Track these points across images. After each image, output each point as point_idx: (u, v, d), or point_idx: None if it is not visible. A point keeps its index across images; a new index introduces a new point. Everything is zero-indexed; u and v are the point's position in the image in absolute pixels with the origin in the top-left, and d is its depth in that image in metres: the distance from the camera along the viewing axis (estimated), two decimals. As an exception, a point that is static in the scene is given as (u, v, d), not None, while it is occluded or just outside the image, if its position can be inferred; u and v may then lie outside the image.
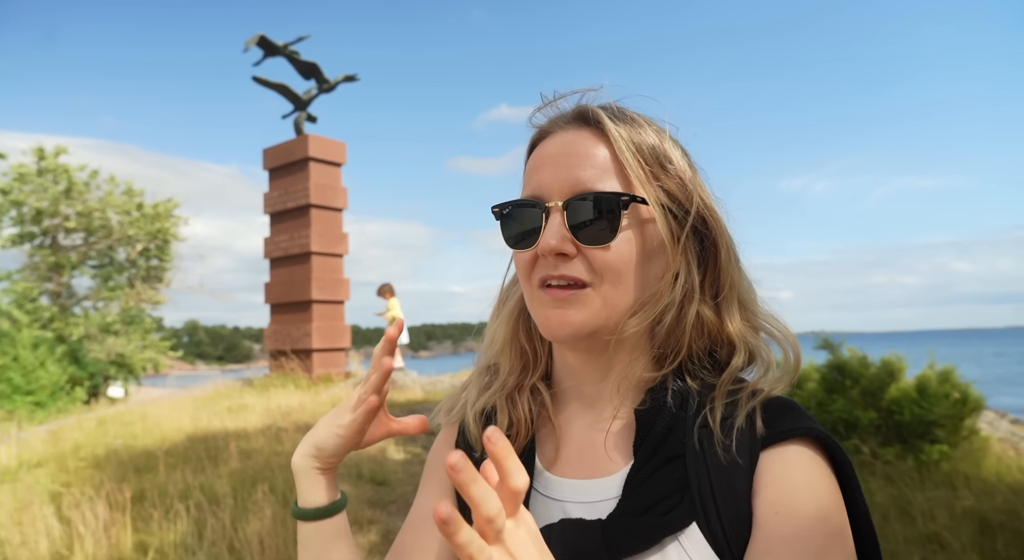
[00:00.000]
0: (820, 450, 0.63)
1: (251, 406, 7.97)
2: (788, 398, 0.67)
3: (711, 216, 0.70)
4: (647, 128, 0.70)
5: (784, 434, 0.62)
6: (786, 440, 0.62)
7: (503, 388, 0.77)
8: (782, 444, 0.62)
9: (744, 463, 0.62)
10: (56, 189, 16.83)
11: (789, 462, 0.61)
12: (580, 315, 0.67)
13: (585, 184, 0.67)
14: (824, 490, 0.61)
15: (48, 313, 16.52)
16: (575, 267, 0.67)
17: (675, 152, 0.70)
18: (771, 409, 0.65)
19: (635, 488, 0.64)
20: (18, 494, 5.19)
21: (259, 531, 3.90)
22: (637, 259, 0.67)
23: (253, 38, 11.48)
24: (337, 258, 11.23)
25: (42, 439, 7.57)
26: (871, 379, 5.35)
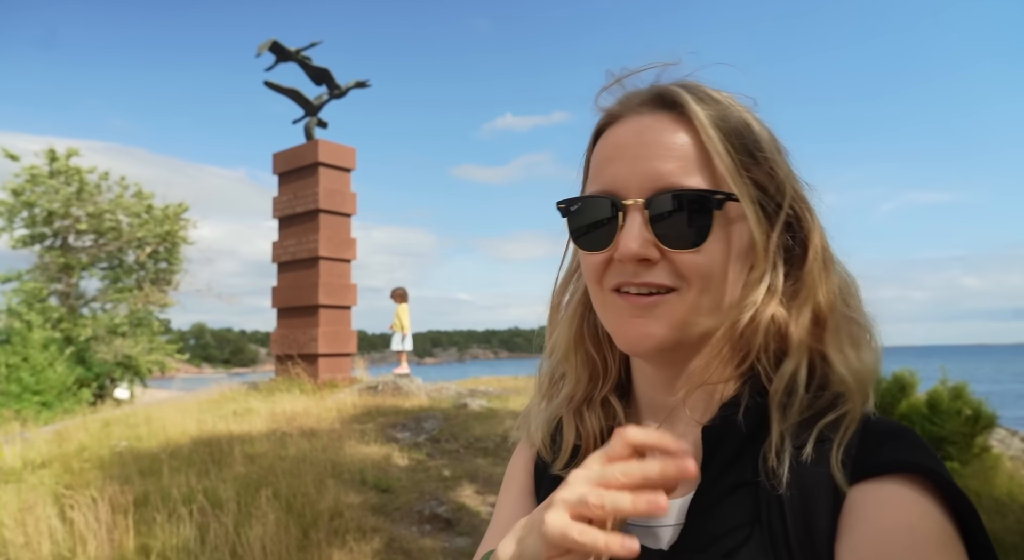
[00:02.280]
0: (930, 490, 0.51)
1: (256, 410, 7.96)
2: (897, 423, 0.57)
3: (805, 210, 0.62)
4: (733, 108, 0.61)
5: (882, 466, 0.52)
6: (884, 474, 0.52)
7: (570, 401, 0.70)
8: (878, 478, 0.52)
9: (827, 497, 0.52)
10: (67, 191, 16.97)
11: (884, 501, 0.50)
12: (662, 325, 0.59)
13: (668, 179, 0.58)
14: (929, 539, 0.49)
15: (57, 314, 16.62)
16: (659, 273, 0.59)
17: (763, 135, 0.61)
18: (868, 434, 0.54)
19: (699, 516, 0.58)
20: (22, 495, 5.19)
21: (262, 536, 3.88)
22: (729, 262, 0.59)
23: (265, 43, 11.56)
24: (345, 263, 11.25)
25: (47, 439, 7.58)
26: (882, 393, 5.30)
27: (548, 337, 0.74)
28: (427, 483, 5.15)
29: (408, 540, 4.10)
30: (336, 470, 5.18)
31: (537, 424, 0.73)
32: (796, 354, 0.59)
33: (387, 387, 9.19)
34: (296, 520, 4.19)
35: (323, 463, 5.31)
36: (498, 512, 0.76)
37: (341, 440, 6.14)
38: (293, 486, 4.70)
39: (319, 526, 4.13)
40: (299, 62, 11.90)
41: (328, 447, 5.84)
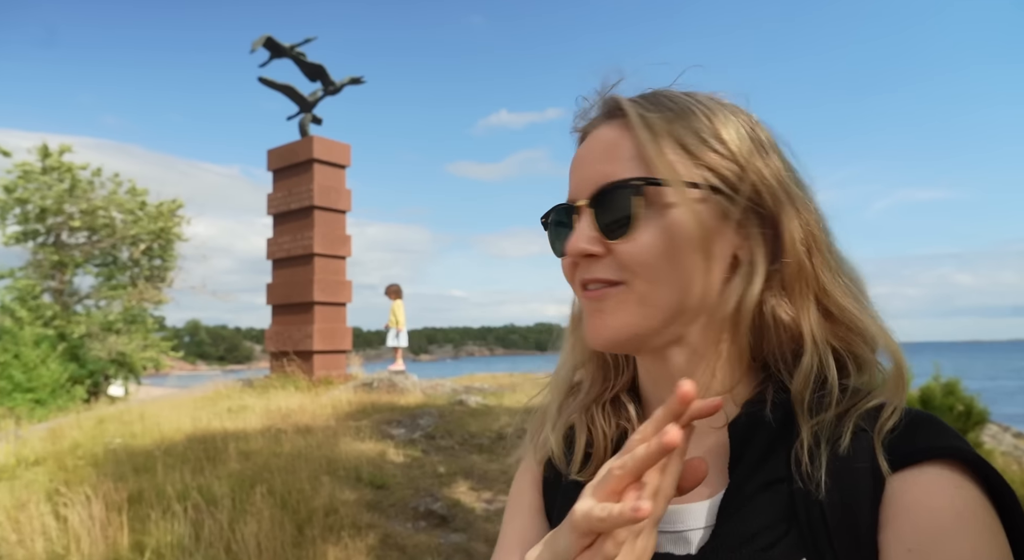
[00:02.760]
0: (970, 474, 0.51)
1: (251, 407, 7.95)
2: (923, 411, 0.57)
3: (768, 192, 0.60)
4: (688, 105, 0.62)
5: (921, 454, 0.52)
6: (923, 462, 0.51)
7: (590, 400, 0.71)
8: (917, 466, 0.51)
9: (866, 489, 0.52)
10: (60, 187, 16.88)
11: (927, 489, 0.50)
12: (616, 318, 0.61)
13: (609, 177, 0.61)
14: (977, 524, 0.49)
15: (50, 311, 16.55)
16: (605, 267, 0.61)
17: (728, 128, 0.61)
18: (900, 423, 0.54)
19: (730, 516, 0.56)
20: (15, 492, 5.17)
21: (256, 533, 3.88)
22: (673, 249, 0.59)
23: (260, 39, 11.50)
24: (340, 260, 11.23)
25: (41, 437, 7.55)
26: (874, 389, 5.34)
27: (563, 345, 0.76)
28: (422, 480, 5.15)
29: (403, 536, 4.10)
30: (331, 467, 5.18)
31: (548, 433, 0.72)
32: (812, 349, 0.59)
33: (382, 384, 9.19)
34: (291, 517, 4.19)
35: (318, 460, 5.31)
36: (505, 531, 0.74)
37: (336, 437, 6.14)
38: (288, 483, 4.70)
39: (314, 523, 4.13)
40: (293, 58, 11.85)
41: (323, 444, 5.84)
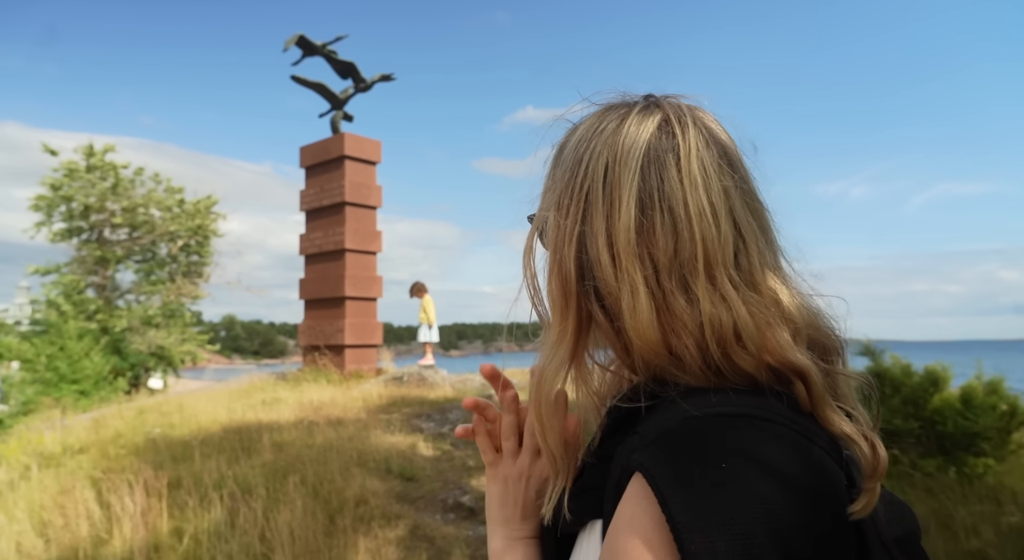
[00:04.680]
0: (652, 492, 0.52)
1: (284, 400, 8.11)
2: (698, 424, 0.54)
3: (547, 240, 0.68)
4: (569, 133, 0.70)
5: (633, 464, 0.55)
6: (639, 471, 0.54)
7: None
8: (636, 472, 0.54)
9: (622, 479, 0.56)
10: (103, 185, 17.40)
11: (630, 493, 0.54)
12: None
13: None
14: (637, 533, 0.52)
15: (94, 305, 17.09)
16: None
17: (563, 165, 0.68)
18: (667, 434, 0.55)
19: (577, 480, 0.68)
20: (61, 478, 5.37)
21: (289, 522, 3.96)
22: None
23: (292, 38, 11.67)
24: (370, 256, 11.36)
25: (85, 426, 7.82)
26: (913, 388, 5.18)
27: None
28: (451, 472, 5.19)
29: (432, 527, 4.15)
30: (362, 458, 5.26)
31: None
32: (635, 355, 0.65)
33: (412, 378, 9.28)
34: (323, 506, 4.27)
35: (349, 452, 5.40)
36: None
37: (367, 429, 6.22)
38: (320, 473, 4.79)
39: (345, 512, 4.20)
40: (325, 56, 12.00)
41: (354, 436, 5.93)
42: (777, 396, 0.57)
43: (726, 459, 0.50)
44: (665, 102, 0.66)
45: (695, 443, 0.52)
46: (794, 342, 0.59)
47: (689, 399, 0.57)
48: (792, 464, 0.51)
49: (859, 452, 0.57)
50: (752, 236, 0.62)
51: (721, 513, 0.48)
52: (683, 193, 0.60)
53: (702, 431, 0.53)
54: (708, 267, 0.59)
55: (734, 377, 0.59)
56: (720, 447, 0.51)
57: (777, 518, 0.48)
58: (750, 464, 0.50)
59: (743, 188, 0.63)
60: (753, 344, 0.58)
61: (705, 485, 0.49)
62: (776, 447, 0.52)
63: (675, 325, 0.59)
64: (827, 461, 0.53)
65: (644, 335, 0.60)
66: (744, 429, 0.53)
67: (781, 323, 0.60)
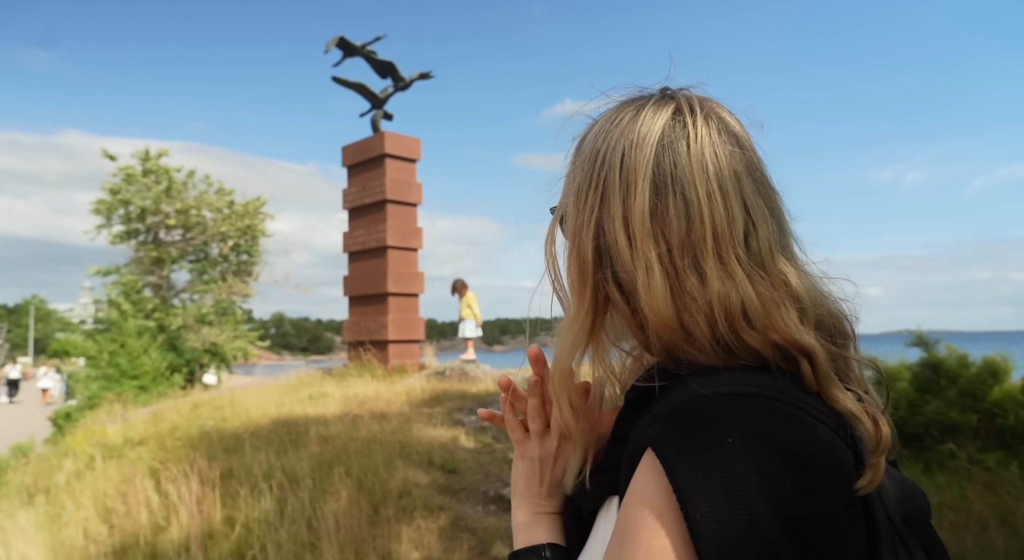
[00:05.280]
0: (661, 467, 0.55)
1: (330, 394, 8.31)
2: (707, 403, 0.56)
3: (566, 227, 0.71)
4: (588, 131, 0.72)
5: (645, 440, 0.57)
6: (650, 447, 0.56)
7: None
8: (648, 448, 0.56)
9: (636, 456, 0.58)
10: (158, 189, 18.12)
11: (642, 467, 0.56)
12: None
13: None
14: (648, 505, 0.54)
15: (151, 304, 17.83)
16: None
17: (583, 155, 0.70)
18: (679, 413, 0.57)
19: (598, 457, 0.71)
20: (123, 469, 5.64)
21: (335, 511, 4.07)
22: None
23: (333, 39, 11.89)
24: (412, 252, 11.51)
25: (144, 420, 8.19)
26: (971, 380, 4.97)
27: None
28: (492, 465, 5.24)
29: (473, 519, 4.20)
30: (405, 451, 5.35)
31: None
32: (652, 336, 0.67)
33: (454, 373, 9.38)
34: (367, 497, 4.37)
35: (393, 444, 5.50)
36: None
37: (410, 423, 6.33)
38: (364, 465, 4.89)
39: (388, 503, 4.29)
40: (365, 57, 12.18)
41: (397, 429, 6.04)
42: (783, 375, 0.59)
43: (732, 435, 0.52)
44: (679, 94, 0.69)
45: (704, 420, 0.54)
46: (801, 323, 0.60)
47: (699, 378, 0.59)
48: (797, 441, 0.52)
49: (863, 428, 0.58)
50: (762, 219, 0.63)
51: (726, 486, 0.50)
52: (694, 177, 0.62)
53: (711, 409, 0.55)
54: (718, 247, 0.61)
55: (743, 354, 0.60)
56: (727, 424, 0.53)
57: (781, 492, 0.50)
58: (756, 441, 0.51)
59: (754, 174, 0.65)
60: (759, 322, 0.60)
61: (711, 459, 0.51)
62: (782, 425, 0.53)
63: (687, 302, 0.61)
64: (834, 439, 0.54)
65: (659, 312, 0.62)
66: (752, 408, 0.54)
67: (789, 303, 0.61)
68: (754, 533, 0.49)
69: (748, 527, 0.49)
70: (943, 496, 4.07)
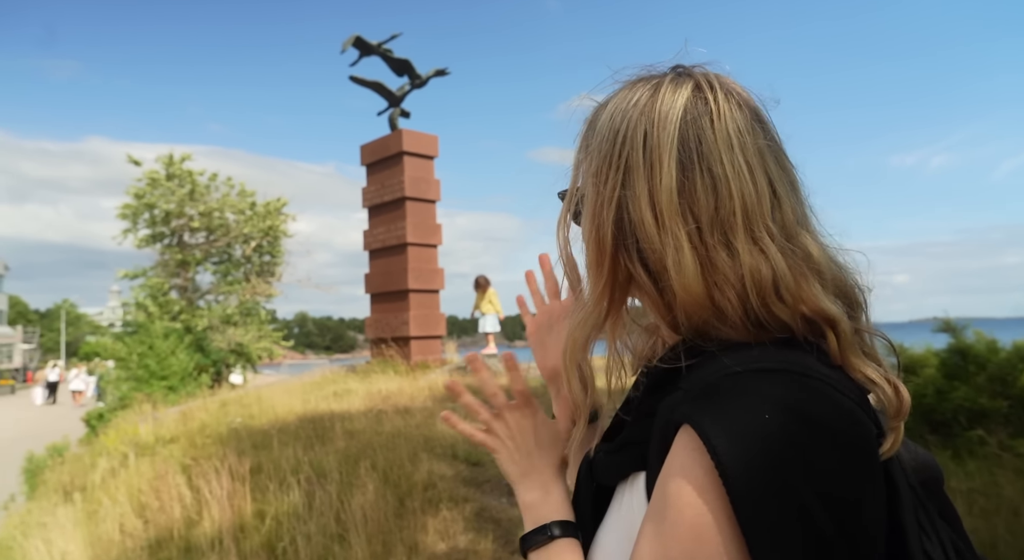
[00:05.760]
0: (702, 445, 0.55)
1: (354, 390, 8.41)
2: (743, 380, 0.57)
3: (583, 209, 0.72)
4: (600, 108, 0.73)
5: (681, 417, 0.58)
6: (688, 423, 0.57)
7: None
8: (686, 426, 0.57)
9: (668, 432, 0.60)
10: (182, 192, 18.43)
11: (680, 445, 0.57)
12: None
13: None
14: (690, 481, 0.55)
15: (177, 306, 18.17)
16: None
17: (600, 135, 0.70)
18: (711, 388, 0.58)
19: (625, 430, 0.71)
20: (155, 466, 5.78)
21: (362, 504, 4.13)
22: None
23: (349, 39, 11.98)
24: (431, 249, 11.58)
25: (174, 418, 8.37)
26: (1001, 365, 4.88)
27: None
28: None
29: (497, 510, 4.24)
30: (429, 445, 5.41)
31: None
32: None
33: (476, 367, 9.42)
34: (393, 490, 4.43)
35: (417, 438, 5.56)
36: None
37: (433, 417, 6.39)
38: (389, 459, 4.96)
39: (414, 495, 4.34)
40: (381, 55, 12.25)
41: (421, 424, 6.10)
42: (809, 348, 0.60)
43: (769, 411, 0.53)
44: (695, 71, 0.69)
45: (739, 396, 0.56)
46: (824, 293, 0.62)
47: (729, 354, 0.60)
48: (828, 416, 0.54)
49: (883, 395, 0.60)
50: (785, 192, 0.65)
51: (765, 461, 0.52)
52: (720, 153, 0.63)
53: (745, 385, 0.57)
54: (747, 222, 0.62)
55: (773, 328, 0.62)
56: (763, 400, 0.55)
57: (814, 464, 0.52)
58: (791, 416, 0.53)
59: (773, 147, 0.66)
60: (790, 294, 0.61)
61: (750, 435, 0.53)
62: (813, 400, 0.55)
63: (718, 279, 0.62)
64: (857, 411, 0.56)
65: (690, 289, 0.62)
66: (784, 383, 0.56)
67: (813, 275, 0.63)
68: (794, 506, 0.51)
69: (788, 500, 0.51)
70: (973, 482, 4.01)
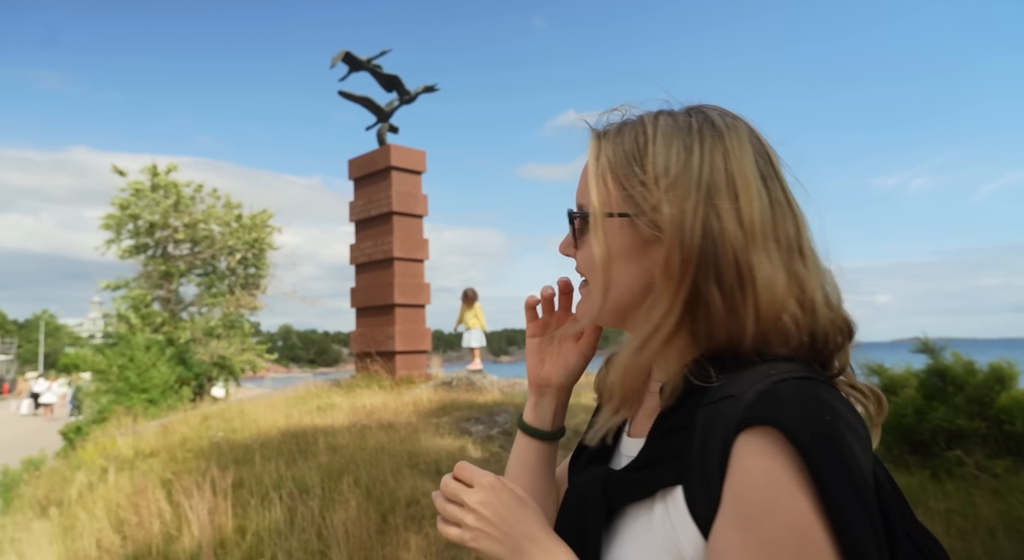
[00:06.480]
0: (789, 447, 0.59)
1: (338, 405, 8.35)
2: (805, 388, 0.63)
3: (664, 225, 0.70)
4: (632, 135, 0.75)
5: (757, 420, 0.60)
6: (758, 426, 0.60)
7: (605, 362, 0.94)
8: (754, 429, 0.60)
9: (719, 441, 0.63)
10: (167, 203, 18.29)
11: (753, 449, 0.60)
12: (581, 306, 0.84)
13: (578, 198, 0.80)
14: (780, 484, 0.58)
15: (160, 318, 17.94)
16: (578, 265, 0.82)
17: (658, 156, 0.72)
18: (766, 394, 0.62)
19: (647, 449, 0.73)
20: (135, 480, 5.69)
21: (344, 520, 4.10)
22: (605, 260, 0.74)
23: (339, 54, 12.04)
24: (418, 263, 11.58)
25: (155, 432, 8.25)
26: (978, 386, 4.97)
27: None
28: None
29: (481, 527, 4.22)
30: (413, 460, 5.38)
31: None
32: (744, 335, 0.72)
33: (461, 383, 9.41)
34: (376, 506, 4.41)
35: (400, 454, 5.53)
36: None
37: (417, 433, 6.36)
38: (373, 475, 4.93)
39: (397, 512, 4.32)
40: (370, 71, 12.31)
41: (405, 439, 6.08)
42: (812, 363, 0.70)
43: (825, 413, 0.60)
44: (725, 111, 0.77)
45: (801, 399, 0.61)
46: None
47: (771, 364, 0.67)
48: (857, 418, 0.63)
49: (863, 398, 0.71)
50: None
51: (835, 457, 0.58)
52: (780, 180, 0.73)
53: (799, 390, 0.63)
54: (800, 241, 0.72)
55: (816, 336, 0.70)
56: (818, 403, 0.61)
57: (858, 459, 0.59)
58: (840, 419, 0.60)
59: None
60: (835, 306, 0.71)
61: (821, 434, 0.58)
62: (846, 404, 0.64)
63: (796, 293, 0.69)
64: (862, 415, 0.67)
65: (780, 304, 0.68)
66: (822, 389, 0.63)
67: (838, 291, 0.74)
68: (860, 499, 0.57)
69: (855, 492, 0.57)
70: (951, 502, 4.07)
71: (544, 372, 0.90)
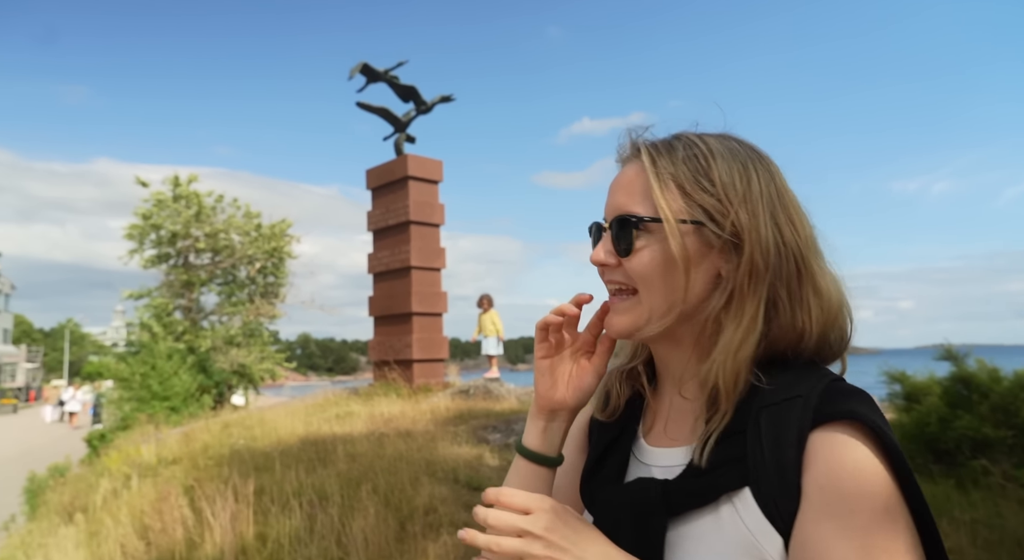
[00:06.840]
0: (869, 435, 0.66)
1: (357, 413, 8.41)
2: (853, 386, 0.72)
3: (744, 233, 0.75)
4: (690, 151, 0.79)
5: (833, 415, 0.66)
6: (834, 421, 0.66)
7: (617, 368, 0.94)
8: (830, 425, 0.66)
9: (793, 439, 0.67)
10: (188, 213, 18.60)
11: (835, 442, 0.65)
12: (622, 319, 0.81)
13: (623, 207, 0.80)
14: (869, 470, 0.64)
15: (181, 327, 18.21)
16: (616, 274, 0.81)
17: (722, 172, 0.76)
18: (829, 392, 0.69)
19: (701, 455, 0.74)
20: (158, 487, 5.78)
21: (363, 528, 4.13)
22: (663, 268, 0.76)
23: (357, 66, 12.20)
24: (435, 272, 11.66)
25: (177, 440, 8.37)
26: (1003, 394, 4.88)
27: None
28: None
29: (499, 535, 4.22)
30: (430, 468, 5.40)
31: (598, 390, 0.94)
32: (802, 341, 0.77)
33: (478, 391, 9.43)
34: (394, 513, 4.43)
35: (418, 462, 5.56)
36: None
37: (435, 441, 6.39)
38: (391, 482, 4.96)
39: (415, 519, 4.34)
40: (388, 82, 12.46)
41: (423, 447, 6.10)
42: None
43: (877, 409, 0.68)
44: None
45: (861, 397, 0.69)
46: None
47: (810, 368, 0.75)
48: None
49: None
50: None
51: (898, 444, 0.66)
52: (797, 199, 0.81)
53: (851, 389, 0.71)
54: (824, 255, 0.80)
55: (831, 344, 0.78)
56: (871, 400, 0.69)
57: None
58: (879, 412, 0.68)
59: None
60: (849, 313, 0.78)
61: (887, 426, 0.66)
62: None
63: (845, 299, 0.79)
64: None
65: (835, 308, 0.76)
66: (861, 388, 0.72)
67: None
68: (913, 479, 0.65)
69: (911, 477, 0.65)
70: (976, 513, 3.99)
71: (559, 395, 0.86)
